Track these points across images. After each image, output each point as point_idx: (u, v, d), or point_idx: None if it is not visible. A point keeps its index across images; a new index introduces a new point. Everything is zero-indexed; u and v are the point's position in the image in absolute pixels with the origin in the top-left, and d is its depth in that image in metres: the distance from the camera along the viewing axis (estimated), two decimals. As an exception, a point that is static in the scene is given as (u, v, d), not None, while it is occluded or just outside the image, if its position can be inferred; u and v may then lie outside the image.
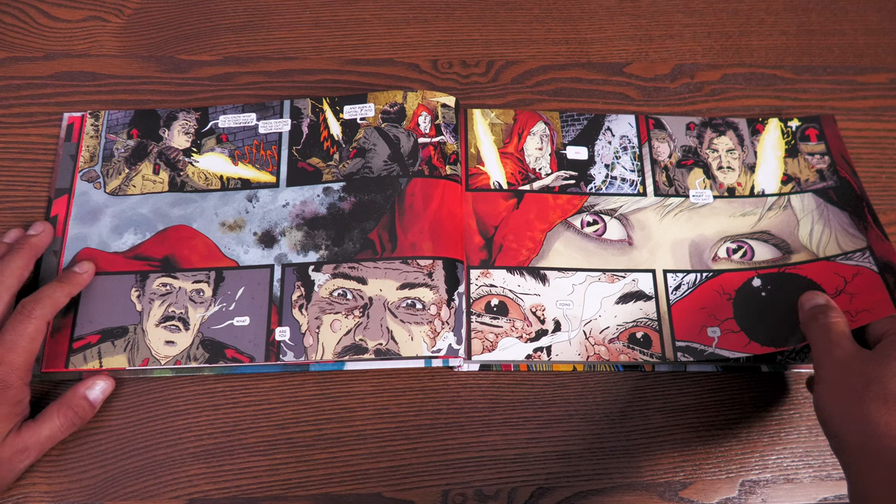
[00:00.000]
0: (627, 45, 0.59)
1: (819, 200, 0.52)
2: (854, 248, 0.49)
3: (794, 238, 0.50)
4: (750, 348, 0.47)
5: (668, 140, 0.54)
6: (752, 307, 0.48)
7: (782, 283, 0.49)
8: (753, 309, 0.48)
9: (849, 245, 0.50)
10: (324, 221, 0.48)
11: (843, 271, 0.48)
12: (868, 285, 0.48)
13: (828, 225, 0.50)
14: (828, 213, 0.51)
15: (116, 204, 0.49)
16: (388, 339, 0.45)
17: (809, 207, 0.51)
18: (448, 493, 0.44)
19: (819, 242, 0.50)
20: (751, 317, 0.48)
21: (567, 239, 0.50)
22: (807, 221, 0.51)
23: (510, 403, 0.46)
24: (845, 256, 0.49)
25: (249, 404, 0.45)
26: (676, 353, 0.47)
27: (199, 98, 0.54)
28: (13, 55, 0.54)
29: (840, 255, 0.49)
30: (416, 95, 0.51)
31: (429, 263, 0.46)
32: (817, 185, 0.52)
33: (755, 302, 0.48)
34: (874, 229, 0.50)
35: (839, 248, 0.50)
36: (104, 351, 0.44)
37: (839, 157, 0.53)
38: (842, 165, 0.53)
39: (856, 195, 0.52)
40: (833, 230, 0.50)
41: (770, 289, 0.49)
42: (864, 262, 0.49)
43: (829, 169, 0.53)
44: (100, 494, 0.42)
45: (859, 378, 0.37)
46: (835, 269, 0.49)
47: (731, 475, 0.45)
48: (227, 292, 0.46)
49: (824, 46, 0.60)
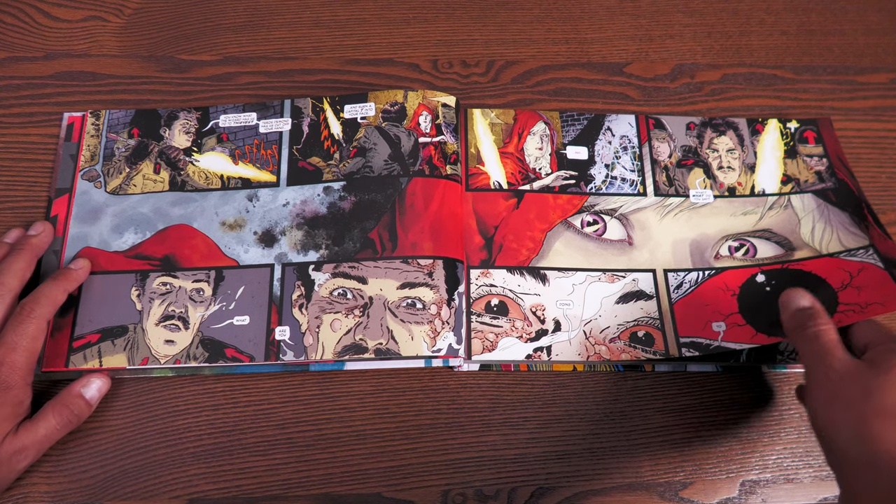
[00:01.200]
0: (627, 45, 0.59)
1: (819, 201, 0.52)
2: (857, 246, 0.49)
3: (795, 236, 0.50)
4: (757, 339, 0.46)
5: (668, 140, 0.54)
6: (756, 301, 0.48)
7: (787, 277, 0.49)
8: (758, 303, 0.48)
9: (851, 242, 0.50)
10: (324, 221, 0.48)
11: (848, 266, 0.48)
12: (875, 280, 0.47)
13: (829, 224, 0.50)
14: (828, 213, 0.51)
15: (117, 203, 0.49)
16: (389, 338, 0.45)
17: (810, 207, 0.51)
18: (448, 493, 0.44)
19: (821, 240, 0.50)
20: (756, 310, 0.47)
21: (567, 239, 0.50)
22: (808, 220, 0.51)
23: (510, 403, 0.46)
24: (849, 253, 0.49)
25: (249, 404, 0.45)
26: (681, 349, 0.47)
27: (200, 98, 0.54)
28: (13, 55, 0.54)
29: (843, 251, 0.49)
30: (417, 95, 0.51)
31: (429, 263, 0.46)
32: (816, 187, 0.52)
33: (760, 296, 0.48)
34: (875, 228, 0.50)
35: (842, 245, 0.49)
36: (104, 350, 0.44)
37: (836, 160, 0.53)
38: (839, 168, 0.53)
39: (854, 197, 0.52)
40: (835, 228, 0.50)
41: (774, 283, 0.48)
42: (869, 259, 0.49)
43: (828, 171, 0.53)
44: (100, 494, 0.42)
45: (858, 391, 0.36)
46: (839, 265, 0.48)
47: (731, 475, 0.45)
48: (227, 291, 0.46)
49: (824, 46, 0.60)
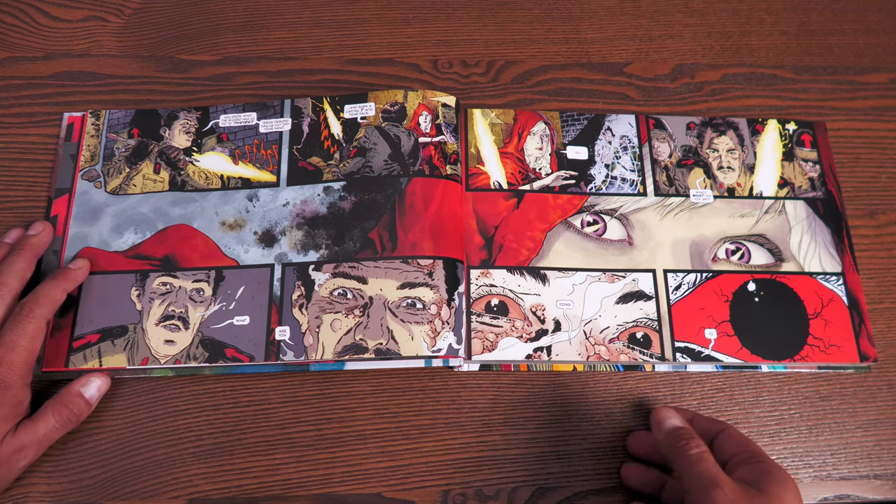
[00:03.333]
0: (627, 45, 0.59)
1: (809, 210, 0.52)
2: (831, 271, 0.50)
3: (785, 245, 0.51)
4: (741, 354, 0.48)
5: (668, 140, 0.54)
6: (745, 312, 0.49)
7: (773, 290, 0.50)
8: (747, 314, 0.49)
9: (827, 266, 0.51)
10: (324, 221, 0.48)
11: (822, 293, 0.50)
12: (839, 319, 0.49)
13: (814, 238, 0.51)
14: (815, 226, 0.52)
15: (117, 203, 0.49)
16: (389, 338, 0.45)
17: (801, 216, 0.52)
18: (448, 493, 0.44)
19: (805, 255, 0.51)
20: (744, 322, 0.48)
21: (567, 239, 0.50)
22: (797, 230, 0.52)
23: (510, 403, 0.46)
24: (824, 277, 0.50)
25: (249, 404, 0.45)
26: (675, 354, 0.47)
27: (200, 98, 0.54)
28: (13, 55, 0.54)
29: (820, 273, 0.50)
30: (417, 95, 0.51)
31: (429, 263, 0.46)
32: (808, 194, 0.53)
33: (749, 307, 0.49)
34: (848, 255, 0.51)
35: (820, 265, 0.51)
36: (104, 350, 0.44)
37: (828, 170, 0.54)
38: (829, 178, 0.53)
39: (838, 213, 0.52)
40: (818, 245, 0.51)
41: (763, 294, 0.49)
42: (838, 290, 0.50)
43: (819, 179, 0.54)
44: (100, 494, 0.42)
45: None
46: (815, 288, 0.50)
47: (731, 475, 0.45)
48: (227, 291, 0.46)
49: (824, 46, 0.60)
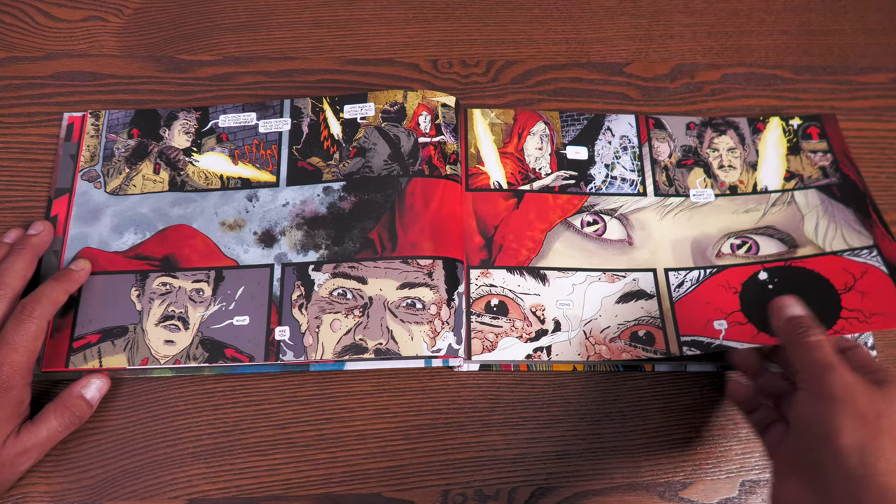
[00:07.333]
0: (627, 45, 0.59)
1: (823, 196, 0.52)
2: (861, 245, 0.49)
3: (799, 233, 0.50)
4: (759, 339, 0.46)
5: (668, 140, 0.54)
6: (759, 299, 0.48)
7: (790, 275, 0.48)
8: (760, 302, 0.47)
9: (855, 241, 0.49)
10: (324, 221, 0.48)
11: (852, 268, 0.48)
12: (878, 286, 0.47)
13: (833, 220, 0.50)
14: (832, 210, 0.51)
15: (117, 203, 0.49)
16: (388, 338, 0.45)
17: (814, 203, 0.51)
18: (448, 493, 0.44)
19: (825, 237, 0.50)
20: (758, 309, 0.47)
21: (567, 239, 0.50)
22: (812, 217, 0.51)
23: (510, 403, 0.46)
24: (852, 252, 0.49)
25: (249, 404, 0.45)
26: (682, 348, 0.47)
27: (199, 98, 0.54)
28: (13, 55, 0.54)
29: (847, 250, 0.49)
30: (417, 95, 0.51)
31: (429, 263, 0.46)
32: (820, 182, 0.52)
33: (762, 294, 0.48)
34: (879, 227, 0.50)
35: (846, 243, 0.49)
36: (104, 350, 0.44)
37: (842, 156, 0.53)
38: (844, 163, 0.53)
39: (860, 193, 0.52)
40: (839, 226, 0.50)
41: (777, 281, 0.48)
42: (872, 261, 0.48)
43: (832, 166, 0.53)
44: (100, 494, 0.42)
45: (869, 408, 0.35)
46: (843, 265, 0.48)
47: (731, 475, 0.45)
48: (226, 292, 0.46)
49: (824, 46, 0.60)
